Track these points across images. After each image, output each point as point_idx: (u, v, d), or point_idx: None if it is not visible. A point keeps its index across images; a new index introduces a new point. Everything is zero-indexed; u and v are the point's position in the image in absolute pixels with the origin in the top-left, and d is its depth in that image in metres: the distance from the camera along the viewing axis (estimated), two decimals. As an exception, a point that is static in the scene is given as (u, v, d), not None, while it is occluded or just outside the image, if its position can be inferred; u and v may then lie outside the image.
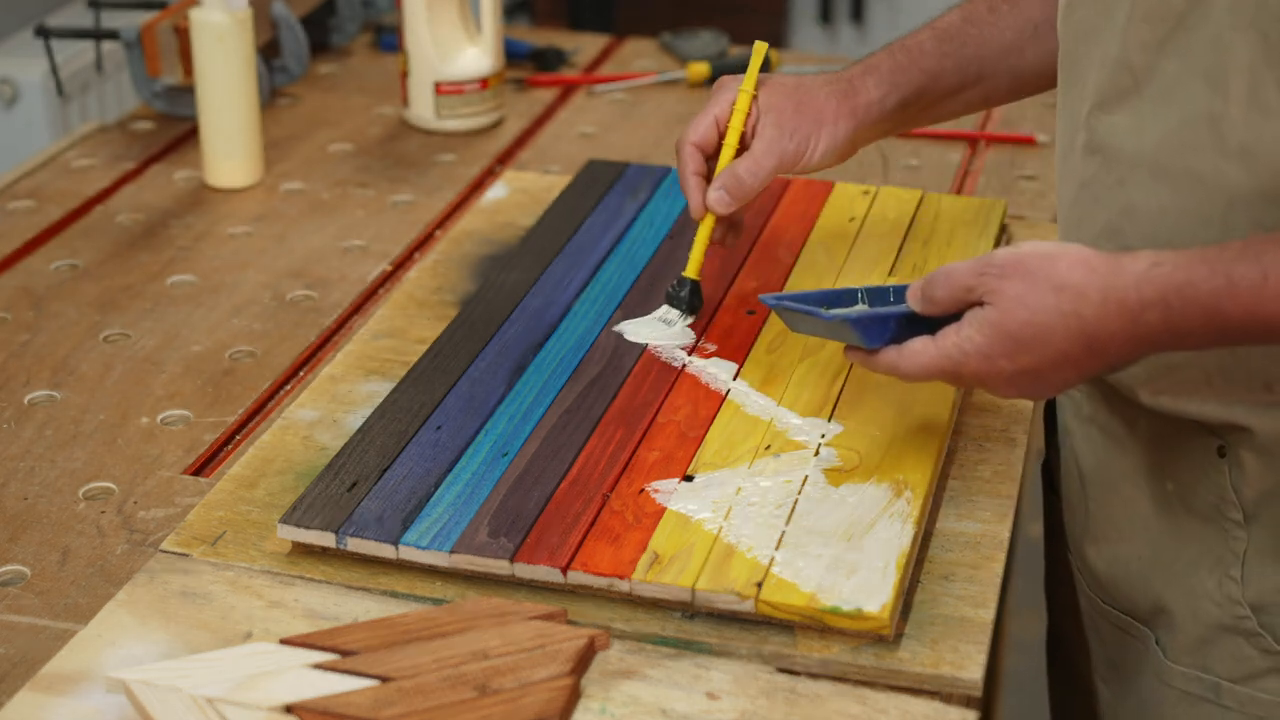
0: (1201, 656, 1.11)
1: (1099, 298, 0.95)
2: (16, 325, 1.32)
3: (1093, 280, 0.95)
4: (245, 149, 1.55)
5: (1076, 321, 0.95)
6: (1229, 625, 1.09)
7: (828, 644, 0.94)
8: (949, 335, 0.99)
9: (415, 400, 1.13)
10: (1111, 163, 1.06)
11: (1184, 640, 1.12)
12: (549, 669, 0.90)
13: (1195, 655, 1.11)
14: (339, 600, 0.98)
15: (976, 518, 1.06)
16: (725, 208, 1.19)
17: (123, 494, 1.12)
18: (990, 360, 0.97)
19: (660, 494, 1.03)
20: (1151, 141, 1.02)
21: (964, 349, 0.98)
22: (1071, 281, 0.95)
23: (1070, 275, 0.95)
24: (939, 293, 1.00)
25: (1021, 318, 0.96)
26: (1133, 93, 1.03)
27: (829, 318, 1.03)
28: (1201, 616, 1.10)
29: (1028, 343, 0.96)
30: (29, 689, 0.90)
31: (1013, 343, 0.96)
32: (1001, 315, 0.97)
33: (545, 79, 1.82)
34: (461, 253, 1.38)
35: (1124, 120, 1.04)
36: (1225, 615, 1.09)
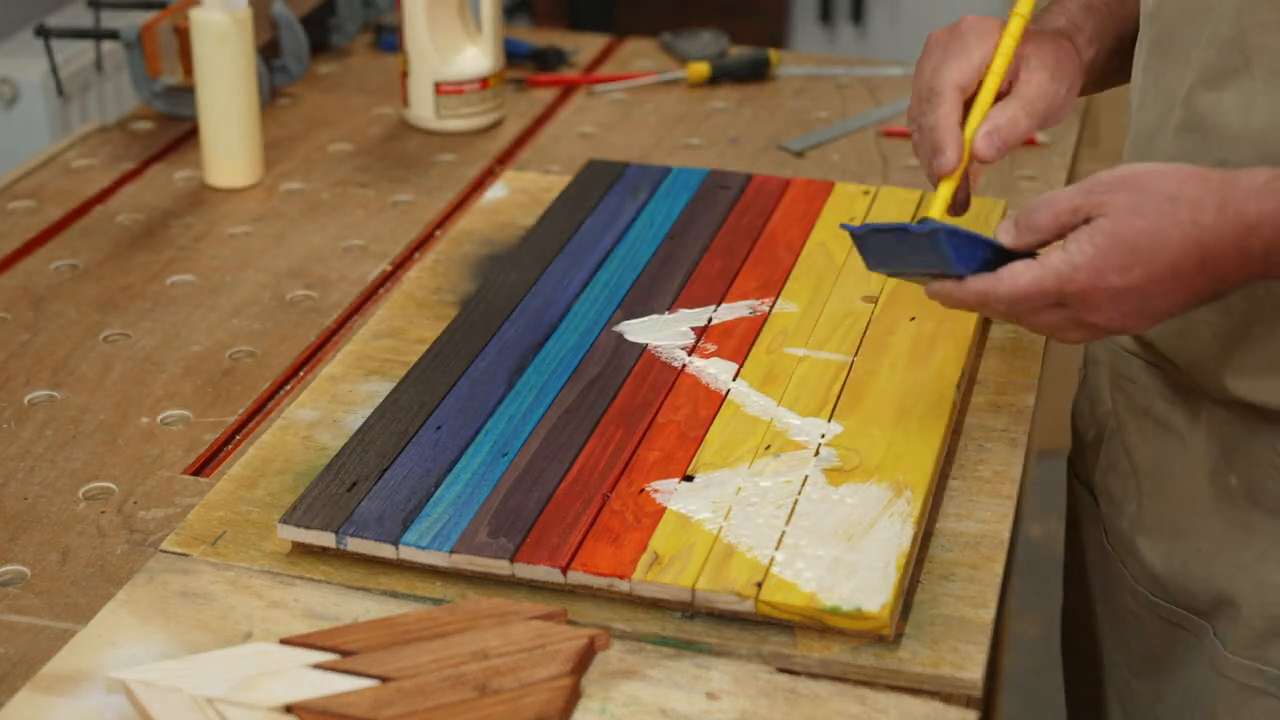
0: (1265, 649, 1.10)
1: (1216, 205, 0.92)
2: (16, 325, 1.32)
3: (1208, 189, 0.93)
4: (245, 149, 1.55)
5: (1194, 230, 0.92)
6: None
7: (828, 644, 0.94)
8: (1054, 252, 0.95)
9: (415, 400, 1.13)
10: (1212, 141, 1.04)
11: (1247, 633, 1.11)
12: (549, 669, 0.90)
13: (1258, 648, 1.10)
14: (339, 600, 0.98)
15: (976, 518, 1.06)
16: (995, 153, 1.07)
17: (123, 494, 1.12)
18: (1100, 273, 0.93)
19: (660, 494, 1.03)
20: (1261, 120, 1.01)
21: (1074, 261, 0.94)
22: (1186, 191, 0.93)
23: (1184, 186, 0.93)
24: (1040, 217, 0.96)
25: (1137, 225, 0.93)
26: (1243, 71, 1.01)
27: (917, 229, 0.96)
28: (1268, 609, 1.09)
29: (1143, 252, 0.93)
30: (29, 689, 0.90)
31: (1127, 251, 0.93)
32: (1114, 224, 0.93)
33: (545, 79, 1.82)
34: (461, 253, 1.38)
35: (1231, 98, 1.02)
36: None
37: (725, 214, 1.39)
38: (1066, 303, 0.96)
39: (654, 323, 1.23)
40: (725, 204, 1.41)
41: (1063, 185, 1.56)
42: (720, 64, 1.82)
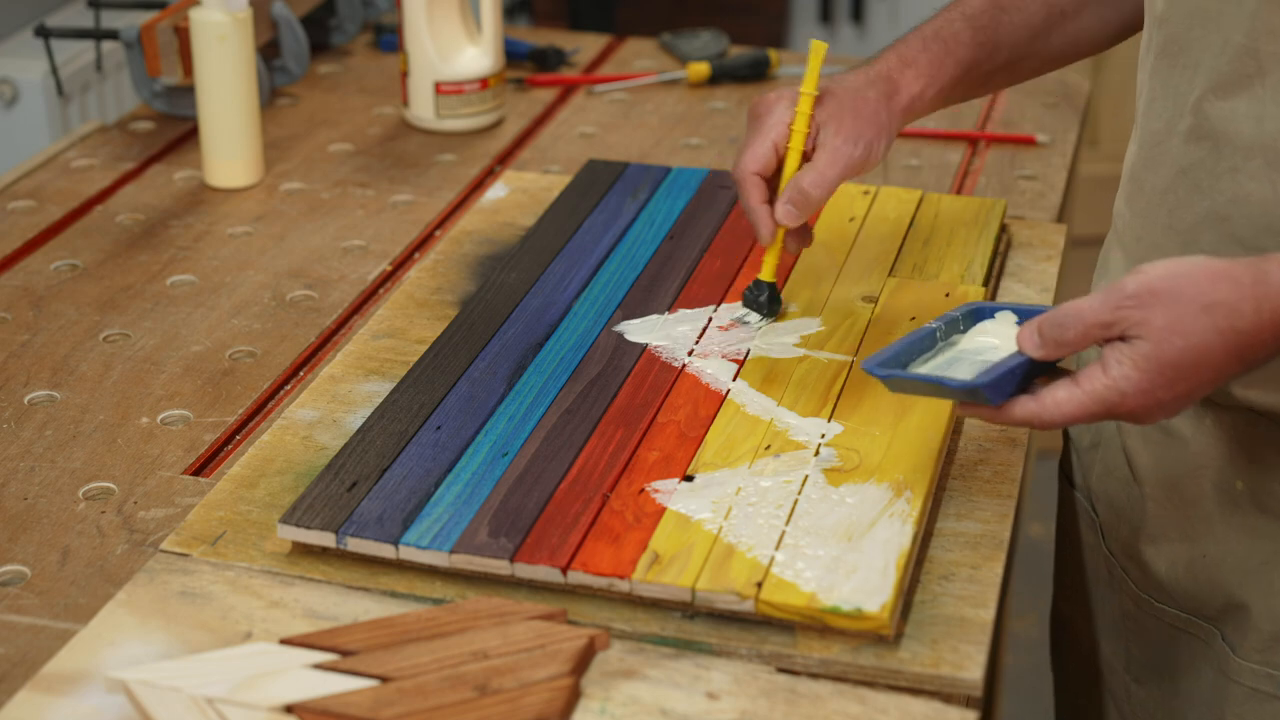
0: (1274, 654, 1.10)
1: (1253, 309, 0.93)
2: (16, 325, 1.32)
3: (1244, 293, 0.93)
4: (245, 149, 1.55)
5: (1234, 338, 0.93)
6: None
7: (828, 644, 0.94)
8: (1096, 378, 0.95)
9: (415, 400, 1.13)
10: (1223, 149, 1.04)
11: (1256, 638, 1.11)
12: (549, 669, 0.90)
13: (1268, 652, 1.11)
14: (339, 600, 0.98)
15: (976, 518, 1.06)
16: (794, 220, 1.17)
17: (123, 494, 1.12)
18: (1148, 394, 0.94)
19: (660, 494, 1.03)
20: (1273, 129, 1.01)
21: (1121, 389, 0.94)
22: (1221, 297, 0.93)
23: (1217, 291, 0.93)
24: (1069, 335, 0.96)
25: (1179, 345, 0.93)
26: (1255, 79, 1.01)
27: (957, 385, 0.99)
28: (1278, 613, 1.10)
29: (1187, 368, 0.93)
30: (29, 689, 0.90)
31: (1173, 371, 0.93)
32: (1157, 347, 0.93)
33: (545, 79, 1.82)
34: (461, 253, 1.38)
35: (1243, 106, 1.02)
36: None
37: (725, 214, 1.39)
38: (1115, 417, 0.97)
39: (654, 323, 1.23)
40: (725, 204, 1.41)
41: (1063, 185, 1.56)
42: (720, 64, 1.82)
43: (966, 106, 1.74)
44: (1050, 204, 1.53)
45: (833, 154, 1.17)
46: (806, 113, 1.18)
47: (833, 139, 1.17)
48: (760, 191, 1.18)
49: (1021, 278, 1.34)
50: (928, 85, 1.22)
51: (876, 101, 1.19)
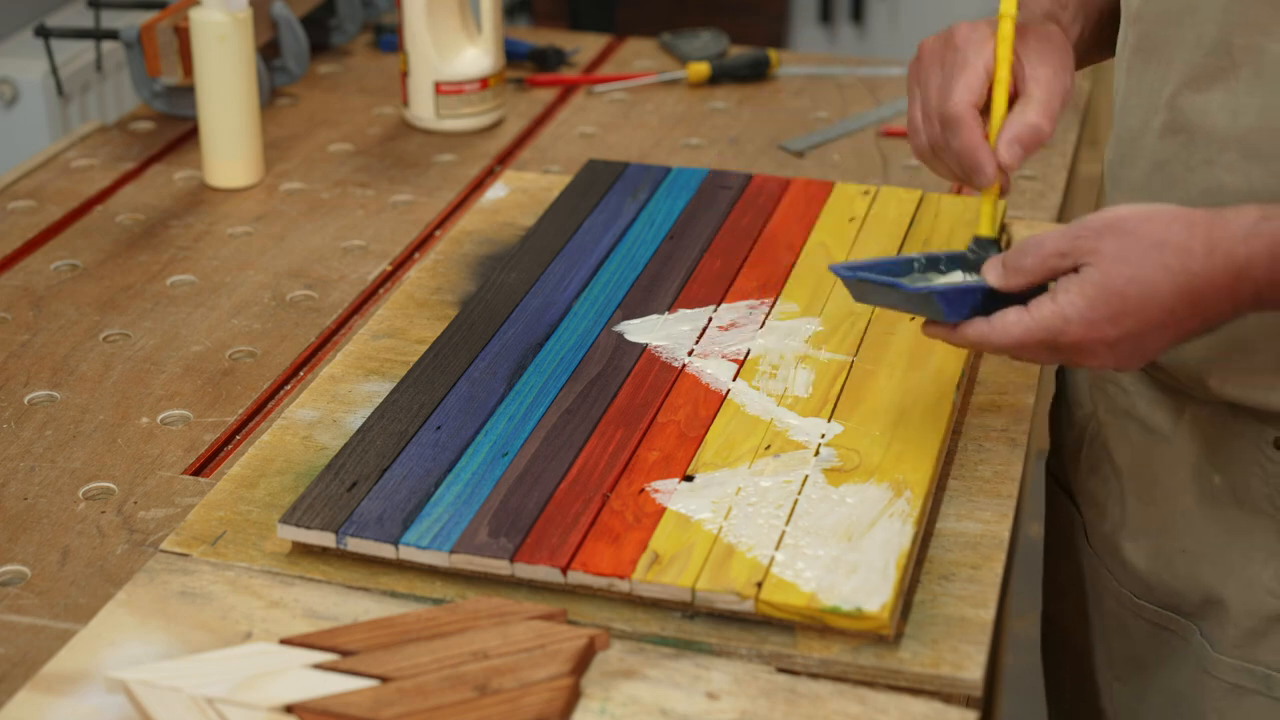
0: (1253, 648, 1.11)
1: (1204, 250, 0.92)
2: (16, 325, 1.32)
3: (1195, 234, 0.93)
4: (245, 149, 1.55)
5: (1184, 277, 0.92)
6: None
7: (828, 644, 0.94)
8: (1044, 304, 0.95)
9: (415, 400, 1.13)
10: (1198, 143, 1.04)
11: (1235, 632, 1.11)
12: (549, 669, 0.90)
13: (1246, 647, 1.11)
14: (339, 600, 0.98)
15: (976, 518, 1.06)
16: (1020, 159, 1.07)
17: (123, 494, 1.12)
18: (1093, 326, 0.94)
19: (660, 494, 1.03)
20: (1248, 121, 1.01)
21: (1065, 314, 0.94)
22: (1173, 236, 0.93)
23: (1170, 230, 0.93)
24: (1028, 261, 0.96)
25: (1126, 274, 0.93)
26: (1229, 72, 1.01)
27: (911, 290, 0.98)
28: (1255, 608, 1.10)
29: (1132, 300, 0.93)
30: (29, 689, 0.90)
31: (1119, 301, 0.93)
32: (1104, 275, 0.93)
33: (545, 79, 1.82)
34: (461, 253, 1.38)
35: (1218, 100, 1.02)
36: (1278, 607, 1.09)
37: (725, 214, 1.39)
38: (1060, 350, 0.96)
39: (654, 323, 1.23)
40: (725, 204, 1.41)
41: (1063, 185, 1.56)
42: (720, 64, 1.82)
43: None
44: (1050, 204, 1.53)
45: (1048, 85, 1.07)
46: (1010, 38, 1.07)
47: (1041, 69, 1.08)
48: (980, 126, 1.06)
49: (1021, 278, 1.34)
50: (1083, 28, 1.16)
51: (1060, 35, 1.12)
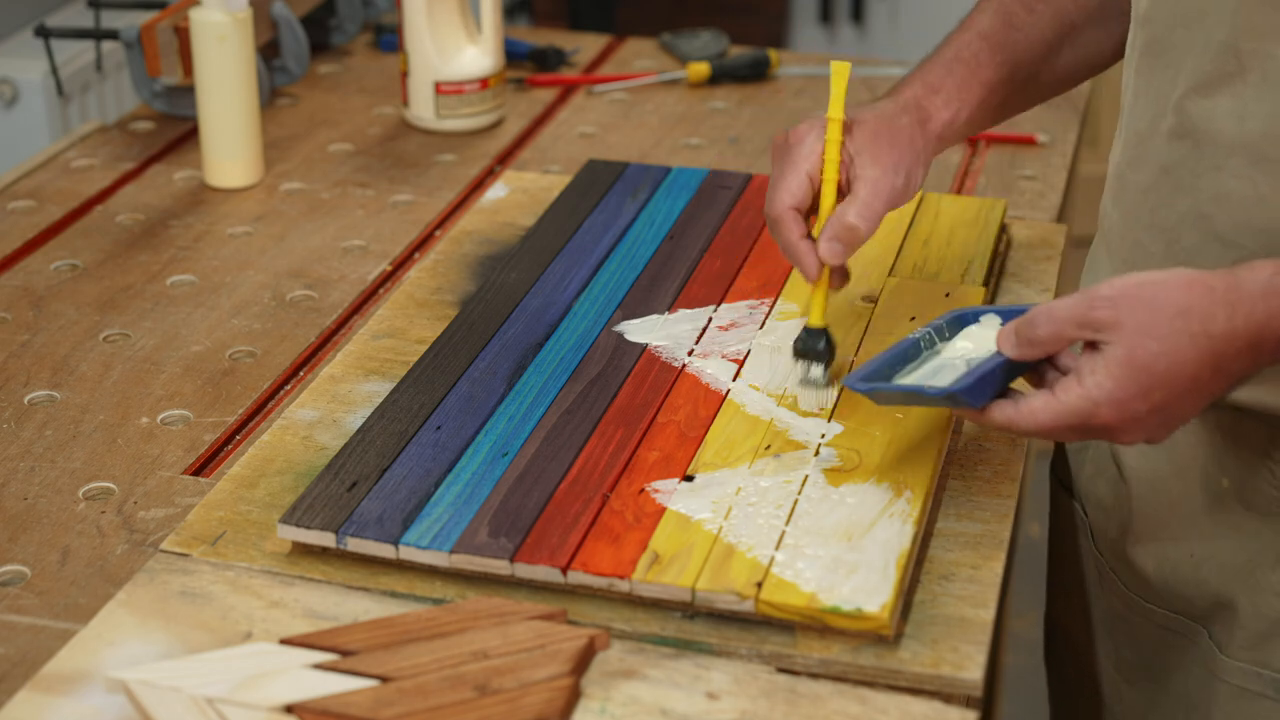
0: (1262, 652, 1.10)
1: (1225, 314, 0.92)
2: (16, 325, 1.32)
3: (1215, 298, 0.92)
4: (245, 149, 1.55)
5: (1206, 342, 0.92)
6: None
7: (828, 644, 0.94)
8: (1071, 388, 0.94)
9: (415, 400, 1.13)
10: (1205, 147, 1.03)
11: (1244, 636, 1.11)
12: (549, 669, 0.90)
13: (1256, 650, 1.10)
14: (339, 600, 0.98)
15: (976, 518, 1.06)
16: (840, 258, 1.10)
17: (123, 494, 1.12)
18: (1123, 405, 0.93)
19: (660, 494, 1.03)
20: (1255, 127, 1.00)
21: (1094, 398, 0.93)
22: (1194, 303, 0.92)
23: (1190, 297, 0.92)
24: (1040, 332, 0.96)
25: (1152, 350, 0.92)
26: (1237, 77, 1.01)
27: (934, 393, 0.99)
28: (1265, 611, 1.09)
29: (1160, 374, 0.92)
30: (29, 689, 0.90)
31: (1146, 378, 0.92)
32: (1129, 352, 0.92)
33: (545, 79, 1.82)
34: (461, 253, 1.38)
35: (1225, 105, 1.02)
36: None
37: (725, 214, 1.39)
38: (1091, 431, 0.95)
39: (654, 323, 1.23)
40: (725, 204, 1.41)
41: (1063, 185, 1.56)
42: (720, 64, 1.82)
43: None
44: (1050, 204, 1.53)
45: (874, 185, 1.11)
46: (838, 140, 1.11)
47: (870, 169, 1.11)
48: (800, 227, 1.11)
49: (1021, 278, 1.34)
50: (959, 110, 1.18)
51: (911, 128, 1.15)
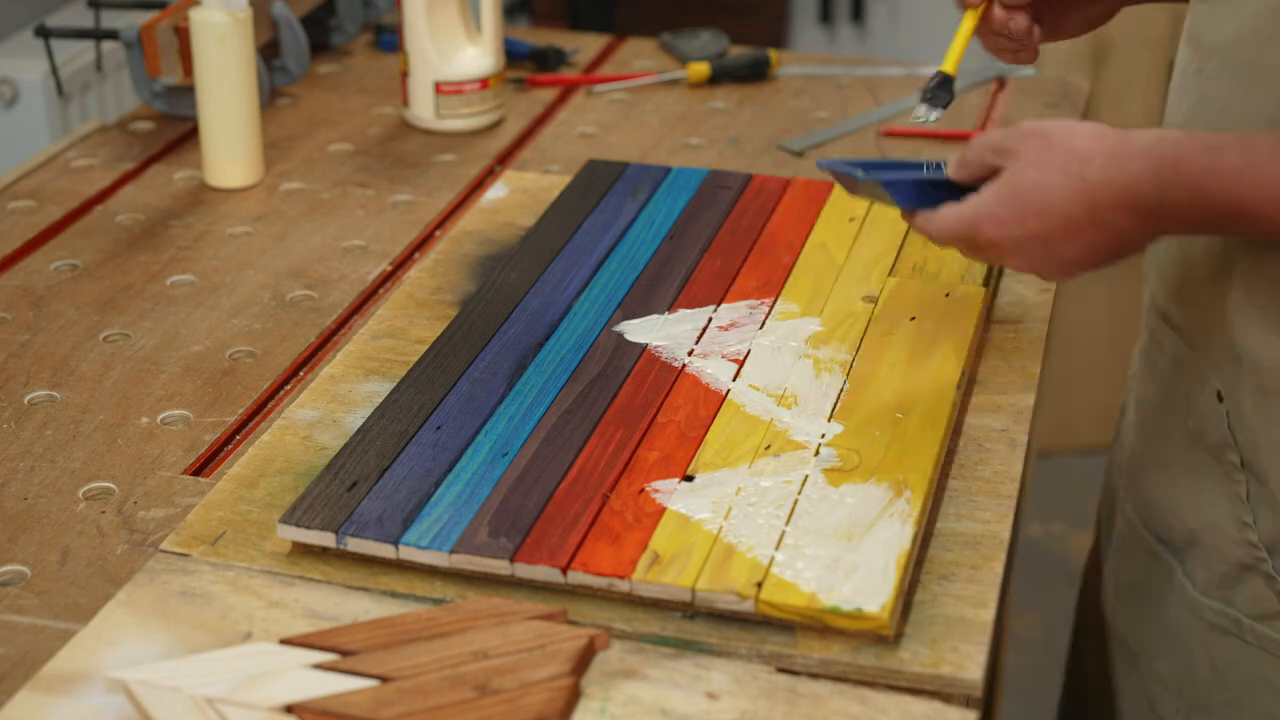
0: (1227, 591, 1.14)
1: (1102, 162, 0.98)
2: (16, 325, 1.32)
3: (1100, 146, 0.99)
4: (245, 149, 1.55)
5: (1080, 184, 0.98)
6: (1248, 564, 1.12)
7: (828, 644, 0.94)
8: (971, 199, 1.03)
9: (415, 400, 1.13)
10: (1195, 51, 1.10)
11: (1211, 575, 1.15)
12: (549, 669, 0.90)
13: (1222, 589, 1.14)
14: (339, 600, 0.98)
15: (976, 518, 1.06)
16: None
17: (123, 494, 1.12)
18: (1002, 225, 1.01)
19: (660, 494, 1.03)
20: (1227, 31, 1.06)
21: (979, 211, 1.02)
22: (1081, 146, 0.99)
23: (1081, 141, 0.99)
24: (970, 154, 1.04)
25: (1032, 178, 1.00)
26: None
27: (862, 179, 1.07)
28: (1225, 553, 1.13)
29: (1035, 204, 1.00)
30: (29, 689, 0.90)
31: (1022, 204, 1.00)
32: (1014, 175, 1.00)
33: (545, 79, 1.82)
34: (461, 253, 1.38)
35: (1211, 10, 1.08)
36: (1245, 555, 1.12)
37: (725, 214, 1.39)
38: (979, 247, 1.04)
39: (654, 323, 1.23)
40: (725, 204, 1.41)
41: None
42: (720, 64, 1.82)
43: (966, 106, 1.74)
44: (1050, 204, 1.53)
45: None
46: None
47: None
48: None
49: (1021, 277, 1.34)
50: None
51: None
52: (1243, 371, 1.09)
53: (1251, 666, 1.14)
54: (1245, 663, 1.14)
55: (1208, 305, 1.11)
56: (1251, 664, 1.14)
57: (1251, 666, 1.14)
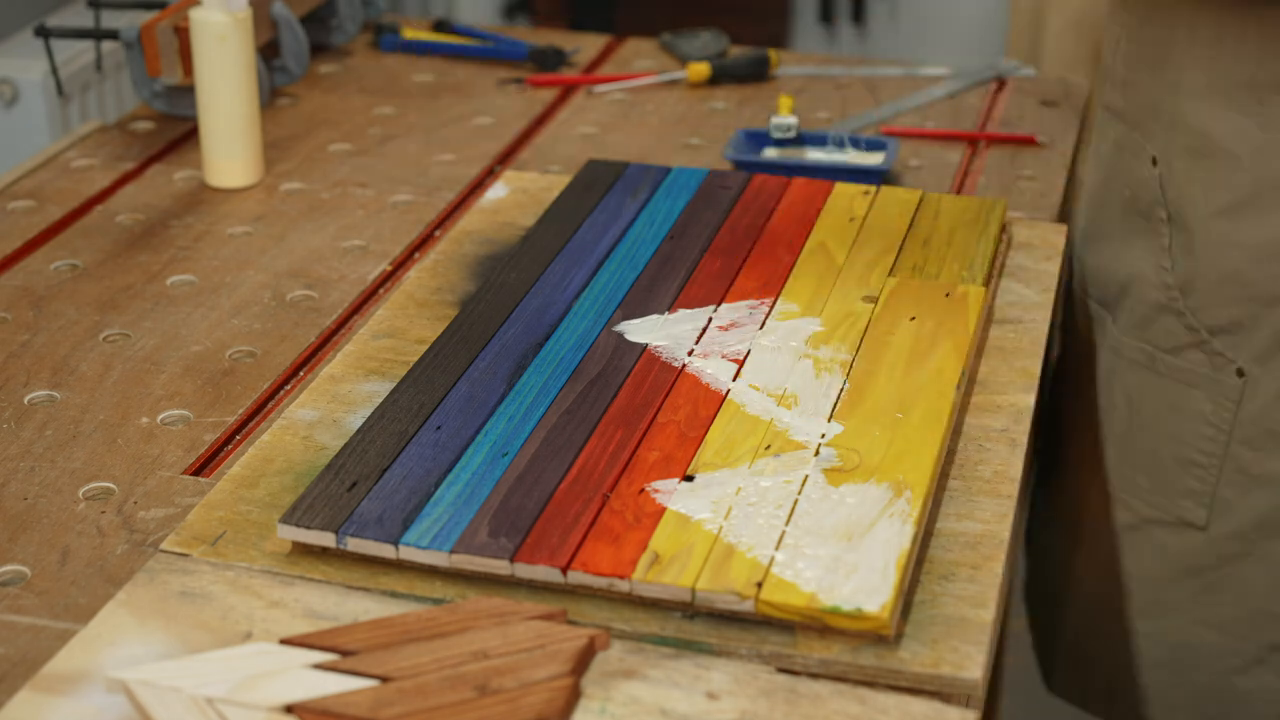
0: (1146, 331, 1.40)
1: None
2: (16, 325, 1.32)
3: None
4: (245, 149, 1.55)
5: None
6: (1164, 305, 1.38)
7: (828, 644, 0.94)
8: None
9: (415, 400, 1.13)
10: None
11: (1133, 317, 1.40)
12: (549, 669, 0.90)
13: (1141, 329, 1.40)
14: (339, 600, 0.98)
15: (976, 518, 1.06)
16: None
17: (123, 494, 1.12)
18: None
19: (660, 494, 1.03)
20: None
21: None
22: None
23: None
24: None
25: None
26: None
27: None
28: (1146, 296, 1.39)
29: None
30: (29, 689, 0.90)
31: None
32: None
33: (545, 79, 1.82)
34: (461, 253, 1.38)
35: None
36: (1162, 296, 1.38)
37: (725, 214, 1.39)
38: None
39: (654, 323, 1.23)
40: (725, 204, 1.41)
41: (1062, 185, 1.57)
42: (720, 64, 1.82)
43: (966, 106, 1.74)
44: (1050, 204, 1.53)
45: None
46: None
47: None
48: None
49: (1021, 278, 1.35)
50: None
51: None
52: (1176, 136, 1.33)
53: (1161, 395, 1.40)
54: (1156, 392, 1.40)
55: (1149, 85, 1.34)
56: (1161, 392, 1.40)
57: (1161, 395, 1.40)
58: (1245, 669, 1.41)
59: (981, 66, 1.83)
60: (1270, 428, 1.35)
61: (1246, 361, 1.35)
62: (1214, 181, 1.32)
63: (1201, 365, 1.37)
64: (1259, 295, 1.33)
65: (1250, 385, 1.35)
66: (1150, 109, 1.36)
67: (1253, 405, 1.35)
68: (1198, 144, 1.31)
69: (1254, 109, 1.28)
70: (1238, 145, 1.30)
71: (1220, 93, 1.29)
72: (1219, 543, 1.39)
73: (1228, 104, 1.29)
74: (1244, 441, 1.36)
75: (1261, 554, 1.38)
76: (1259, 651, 1.40)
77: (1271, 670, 1.39)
